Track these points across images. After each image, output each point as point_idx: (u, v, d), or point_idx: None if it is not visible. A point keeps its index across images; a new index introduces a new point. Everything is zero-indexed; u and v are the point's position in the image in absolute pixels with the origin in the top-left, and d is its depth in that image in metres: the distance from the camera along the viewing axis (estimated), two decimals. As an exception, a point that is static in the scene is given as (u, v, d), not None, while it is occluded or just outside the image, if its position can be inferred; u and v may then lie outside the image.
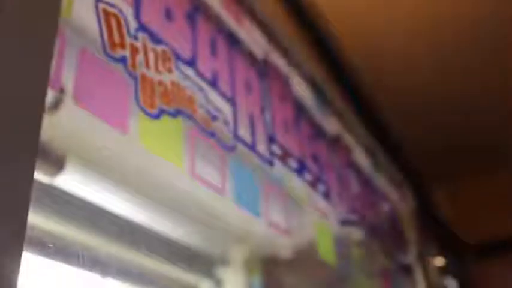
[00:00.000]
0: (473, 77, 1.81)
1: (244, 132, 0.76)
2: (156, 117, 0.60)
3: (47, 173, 0.58)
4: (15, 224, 0.36)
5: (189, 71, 0.68)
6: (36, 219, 0.68)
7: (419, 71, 1.75)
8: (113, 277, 0.75)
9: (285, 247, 0.97)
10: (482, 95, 1.92)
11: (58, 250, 0.61)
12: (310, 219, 0.91)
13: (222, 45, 0.78)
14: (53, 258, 0.59)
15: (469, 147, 2.16)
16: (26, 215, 0.36)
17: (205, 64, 0.72)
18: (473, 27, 1.58)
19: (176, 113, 0.63)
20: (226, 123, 0.72)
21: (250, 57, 0.86)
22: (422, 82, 1.80)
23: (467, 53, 1.68)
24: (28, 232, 0.37)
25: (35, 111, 0.40)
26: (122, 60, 0.57)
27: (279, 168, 0.83)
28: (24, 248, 0.35)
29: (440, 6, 1.50)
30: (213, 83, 0.72)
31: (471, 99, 1.92)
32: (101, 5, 0.57)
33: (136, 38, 0.61)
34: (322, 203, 0.96)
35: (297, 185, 0.88)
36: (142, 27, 0.62)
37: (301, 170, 0.90)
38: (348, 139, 1.25)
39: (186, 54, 0.69)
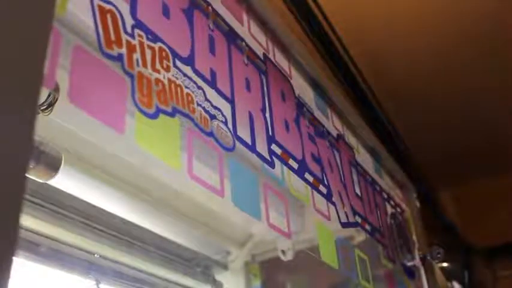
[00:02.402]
0: (475, 75, 1.79)
1: (243, 131, 0.74)
2: (153, 116, 0.59)
3: (42, 173, 0.57)
4: (6, 226, 0.34)
5: (187, 69, 0.67)
6: (31, 219, 0.67)
7: (421, 70, 1.73)
8: (110, 281, 0.73)
9: (285, 249, 0.95)
10: (485, 95, 1.90)
11: (51, 252, 0.60)
12: (311, 220, 0.89)
13: (220, 43, 0.76)
14: (44, 263, 0.57)
15: (475, 149, 2.14)
16: (19, 216, 0.35)
17: (204, 62, 0.70)
18: (474, 25, 1.57)
19: (173, 112, 0.62)
20: (225, 122, 0.71)
21: (250, 54, 0.84)
22: (424, 81, 1.78)
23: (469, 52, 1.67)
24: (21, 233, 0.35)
25: (28, 110, 0.39)
26: (118, 58, 0.56)
27: (279, 168, 0.82)
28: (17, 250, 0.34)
29: (441, 4, 1.49)
30: (212, 82, 0.71)
31: (474, 99, 1.90)
32: (97, 1, 0.56)
33: (132, 35, 0.59)
34: (323, 204, 0.94)
35: (298, 185, 0.86)
36: (138, 24, 0.61)
37: (302, 170, 0.89)
38: (351, 139, 1.23)
39: (184, 51, 0.67)
